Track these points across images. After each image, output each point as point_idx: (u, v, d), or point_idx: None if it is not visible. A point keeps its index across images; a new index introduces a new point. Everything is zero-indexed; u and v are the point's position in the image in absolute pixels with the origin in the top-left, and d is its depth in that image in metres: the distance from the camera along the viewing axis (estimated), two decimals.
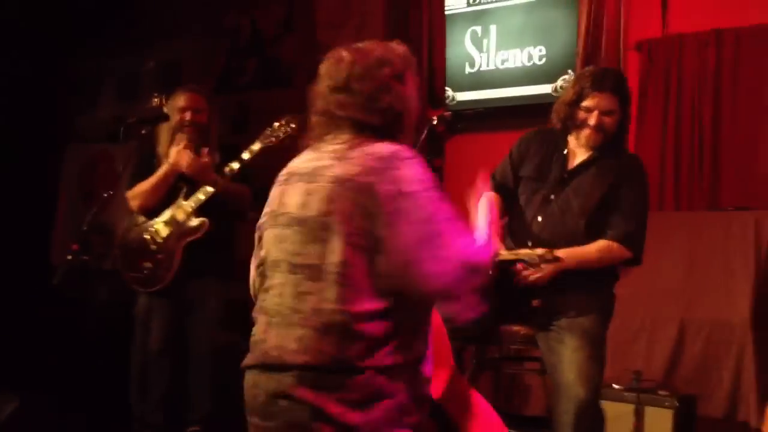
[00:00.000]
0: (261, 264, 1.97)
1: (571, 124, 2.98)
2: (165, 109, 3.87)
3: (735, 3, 4.29)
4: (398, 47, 2.02)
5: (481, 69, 5.04)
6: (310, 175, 1.91)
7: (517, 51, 4.91)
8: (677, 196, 4.29)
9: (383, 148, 1.87)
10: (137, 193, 3.78)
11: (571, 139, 3.02)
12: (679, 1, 4.47)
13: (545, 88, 4.73)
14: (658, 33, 4.48)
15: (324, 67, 2.01)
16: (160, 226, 3.74)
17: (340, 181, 1.83)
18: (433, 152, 2.64)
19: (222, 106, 5.80)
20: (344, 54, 1.98)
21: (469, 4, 5.12)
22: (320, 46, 5.78)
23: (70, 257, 3.08)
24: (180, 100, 3.83)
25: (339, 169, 1.85)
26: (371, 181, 1.81)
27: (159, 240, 3.72)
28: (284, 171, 2.02)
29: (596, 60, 4.46)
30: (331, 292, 1.79)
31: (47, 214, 6.31)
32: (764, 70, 4.13)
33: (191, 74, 6.15)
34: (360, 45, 2.01)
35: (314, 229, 1.84)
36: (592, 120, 2.93)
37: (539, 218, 2.96)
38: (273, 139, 3.68)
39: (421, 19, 5.26)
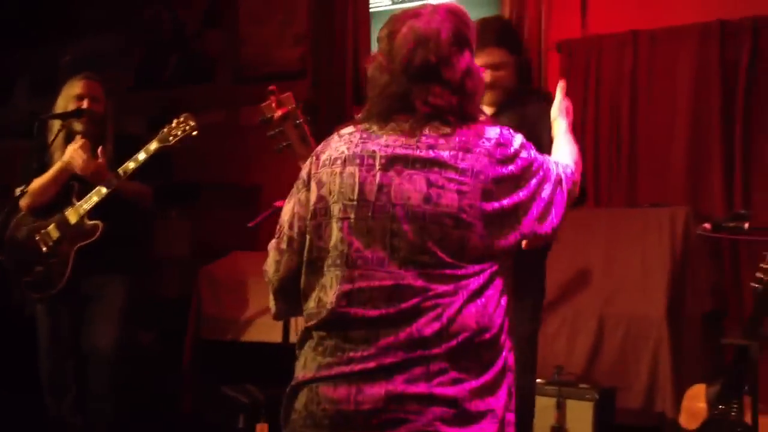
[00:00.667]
0: (319, 259, 1.77)
1: None
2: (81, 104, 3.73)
3: (650, 5, 4.41)
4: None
5: None
6: (425, 162, 1.70)
7: None
8: (597, 192, 4.39)
9: (488, 130, 1.75)
10: (26, 190, 3.57)
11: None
12: (597, 3, 4.58)
13: None
14: (578, 34, 4.58)
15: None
16: (51, 228, 3.59)
17: (474, 174, 1.68)
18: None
19: (142, 101, 5.70)
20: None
21: (393, 2, 5.14)
22: (243, 41, 5.73)
23: None
24: (76, 87, 3.61)
25: (466, 163, 1.69)
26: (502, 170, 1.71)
27: (50, 243, 3.57)
28: (344, 151, 1.78)
29: None
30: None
31: None
32: (677, 70, 4.26)
33: (109, 68, 6.00)
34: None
35: (449, 226, 1.67)
36: (486, 77, 2.57)
37: None
38: (171, 138, 3.49)
39: (346, 16, 5.25)
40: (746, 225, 3.03)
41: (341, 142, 1.82)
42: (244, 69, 5.72)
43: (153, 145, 3.50)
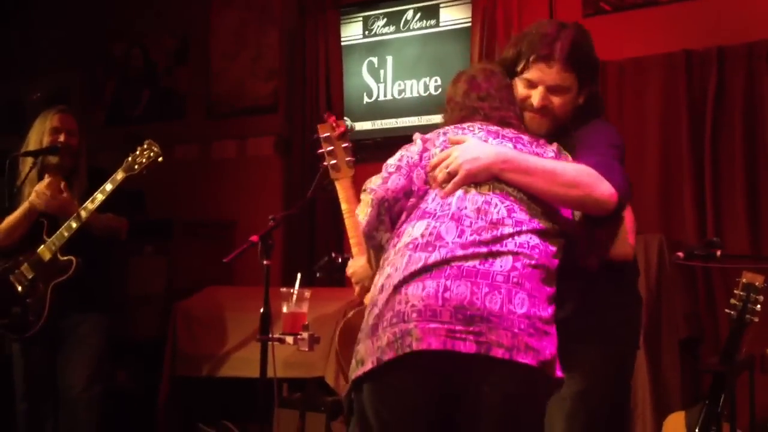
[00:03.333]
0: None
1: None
2: (53, 141, 3.69)
3: (617, 36, 4.47)
4: None
5: (378, 99, 5.09)
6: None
7: (414, 81, 4.99)
8: None
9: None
10: (3, 232, 3.55)
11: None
12: None
13: (441, 118, 4.79)
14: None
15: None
16: (24, 267, 3.53)
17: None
18: (330, 182, 2.64)
19: (113, 137, 5.66)
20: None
21: (365, 36, 5.18)
22: (215, 76, 5.73)
23: None
24: (51, 120, 3.60)
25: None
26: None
27: (25, 283, 3.51)
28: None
29: None
30: None
31: None
32: (646, 100, 4.33)
33: (79, 105, 5.96)
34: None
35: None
36: (536, 99, 2.17)
37: None
38: (136, 166, 3.44)
39: (318, 49, 5.28)
40: (718, 253, 3.06)
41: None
42: (216, 104, 5.72)
43: (119, 175, 3.45)
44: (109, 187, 3.45)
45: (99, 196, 3.45)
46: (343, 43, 5.22)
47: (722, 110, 4.14)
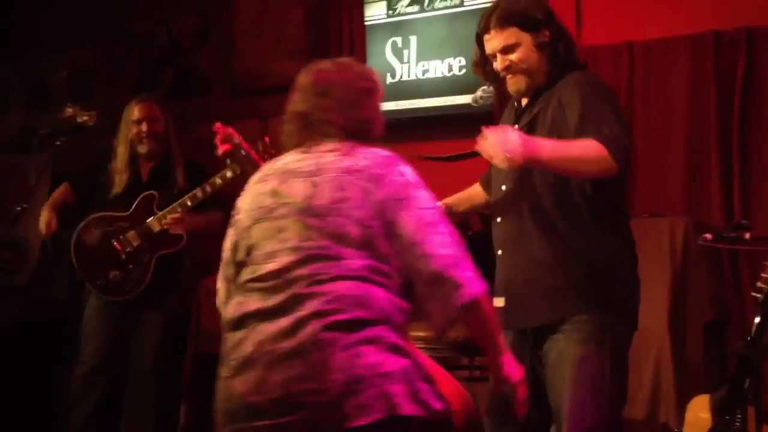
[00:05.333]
0: (242, 260, 1.99)
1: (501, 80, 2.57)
2: (79, 120, 3.78)
3: (644, 16, 4.43)
4: (369, 68, 2.27)
5: (402, 79, 5.06)
6: (314, 170, 1.99)
7: (438, 62, 4.96)
8: None
9: (380, 149, 2.03)
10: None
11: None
12: (592, 14, 4.60)
13: (465, 99, 4.79)
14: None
15: (304, 76, 2.18)
16: (131, 234, 3.62)
17: (351, 172, 1.95)
18: None
19: None
20: (327, 65, 2.18)
21: (389, 15, 5.15)
22: (238, 55, 5.72)
23: None
24: (134, 112, 3.76)
25: (348, 162, 1.97)
26: (382, 172, 1.96)
27: (129, 249, 3.60)
28: (263, 172, 2.09)
29: None
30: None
31: None
32: (673, 81, 4.28)
33: (103, 83, 5.99)
34: (338, 60, 2.22)
35: (328, 216, 1.90)
36: (498, 65, 2.50)
37: (503, 187, 2.56)
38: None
39: (341, 29, 5.26)
40: (747, 235, 3.03)
41: None
42: (239, 83, 5.72)
43: (228, 173, 3.52)
44: (219, 181, 3.56)
45: (218, 181, 3.55)
46: (366, 23, 5.19)
47: (751, 92, 4.08)
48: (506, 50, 2.47)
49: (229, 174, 3.49)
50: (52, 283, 4.72)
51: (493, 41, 2.48)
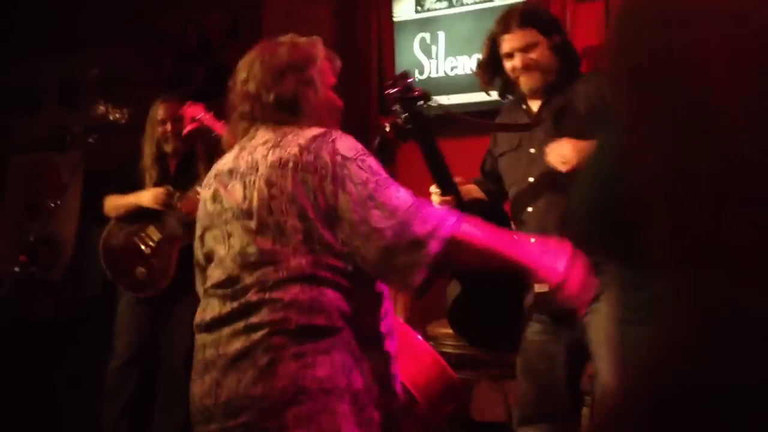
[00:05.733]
0: (204, 266, 2.01)
1: (507, 80, 2.82)
2: (110, 117, 3.83)
3: None
4: (307, 39, 2.18)
5: (430, 76, 5.07)
6: (247, 169, 1.92)
7: (466, 58, 4.96)
8: None
9: (313, 130, 1.93)
10: (111, 206, 3.76)
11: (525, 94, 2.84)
12: None
13: (493, 95, 4.76)
14: (603, 40, 4.56)
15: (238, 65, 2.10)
16: (151, 229, 3.69)
17: (283, 164, 1.87)
18: (383, 159, 2.64)
19: None
20: (255, 48, 2.11)
21: (417, 12, 5.15)
22: None
23: (17, 269, 3.02)
24: (159, 111, 3.82)
25: (279, 153, 1.89)
26: (313, 156, 1.86)
27: (151, 244, 3.67)
28: (211, 173, 2.06)
29: None
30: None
31: None
32: None
33: (135, 82, 6.05)
34: (271, 40, 2.14)
35: (263, 217, 1.85)
36: (517, 62, 2.74)
37: (530, 179, 2.74)
38: None
39: (370, 26, 5.27)
40: None
41: None
42: None
43: None
44: None
45: None
46: (394, 20, 5.20)
47: None
48: (526, 49, 2.72)
49: None
50: (84, 279, 4.80)
51: (514, 40, 2.72)
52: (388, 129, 2.62)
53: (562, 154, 2.50)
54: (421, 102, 2.48)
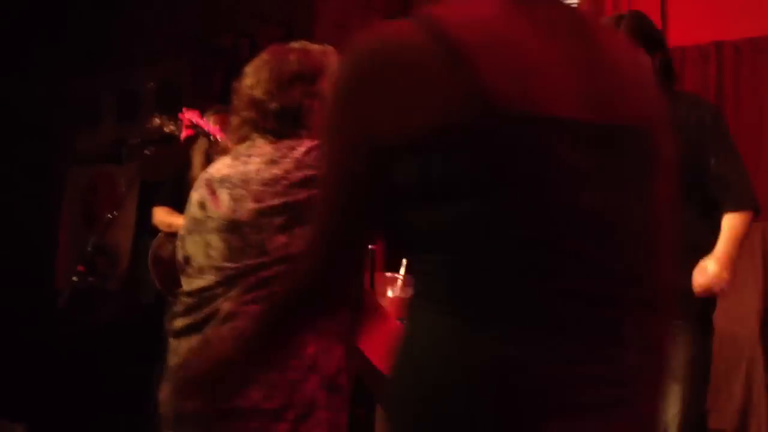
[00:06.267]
0: (183, 269, 1.97)
1: None
2: (166, 129, 3.87)
3: (733, 16, 4.30)
4: (320, 47, 2.06)
5: None
6: (238, 181, 1.87)
7: None
8: None
9: (309, 142, 1.85)
10: (160, 222, 3.78)
11: None
12: (678, 14, 4.48)
13: None
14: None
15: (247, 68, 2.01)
16: None
17: (276, 181, 1.81)
18: None
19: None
20: (267, 50, 2.04)
21: None
22: None
23: (75, 279, 3.06)
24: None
25: (273, 171, 1.83)
26: (307, 173, 1.80)
27: None
28: (203, 176, 1.99)
29: None
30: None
31: (49, 241, 6.25)
32: (764, 83, 4.14)
33: (190, 94, 6.13)
34: (282, 45, 2.05)
35: (247, 234, 1.81)
36: None
37: None
38: None
39: None
40: None
41: None
42: None
43: None
44: None
45: None
46: None
47: None
48: None
49: None
50: (140, 289, 4.87)
51: None
52: None
53: None
54: None
